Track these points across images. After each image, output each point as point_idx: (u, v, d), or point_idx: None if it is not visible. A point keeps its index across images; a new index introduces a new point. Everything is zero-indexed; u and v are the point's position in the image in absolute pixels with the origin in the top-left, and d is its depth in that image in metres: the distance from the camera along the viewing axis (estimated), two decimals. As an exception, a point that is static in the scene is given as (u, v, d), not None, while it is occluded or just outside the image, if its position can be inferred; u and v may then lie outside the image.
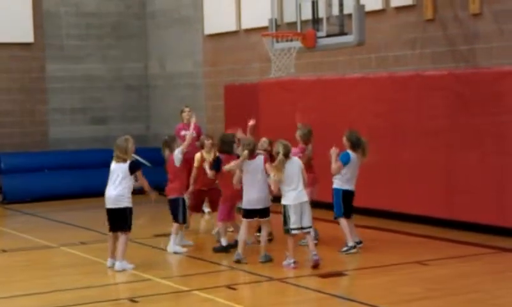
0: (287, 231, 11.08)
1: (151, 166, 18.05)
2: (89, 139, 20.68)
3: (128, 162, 11.27)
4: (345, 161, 12.11)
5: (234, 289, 10.05)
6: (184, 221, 12.59)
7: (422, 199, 14.10)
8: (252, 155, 11.44)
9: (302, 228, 11.12)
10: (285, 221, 11.06)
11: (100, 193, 12.28)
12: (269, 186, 11.37)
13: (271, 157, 11.63)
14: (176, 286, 10.28)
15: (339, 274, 10.59)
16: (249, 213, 11.44)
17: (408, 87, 14.34)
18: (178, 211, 12.38)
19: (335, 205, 12.24)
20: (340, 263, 11.26)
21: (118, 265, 11.22)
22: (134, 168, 11.30)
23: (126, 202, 11.27)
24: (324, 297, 9.47)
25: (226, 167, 11.78)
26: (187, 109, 15.93)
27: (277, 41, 14.11)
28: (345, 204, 12.14)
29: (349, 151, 12.18)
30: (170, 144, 12.53)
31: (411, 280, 10.18)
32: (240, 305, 9.26)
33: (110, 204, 11.29)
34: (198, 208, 13.71)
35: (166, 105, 21.44)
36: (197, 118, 16.38)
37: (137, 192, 11.52)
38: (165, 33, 21.64)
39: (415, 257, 11.42)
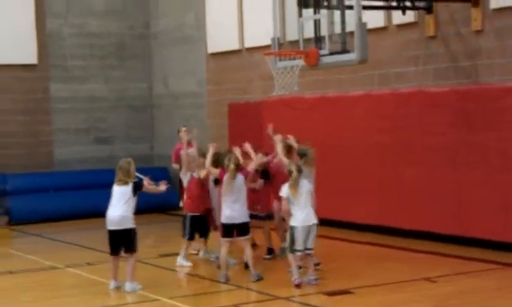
0: (292, 251, 11.12)
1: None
2: (94, 159, 20.72)
3: (130, 184, 11.31)
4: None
5: (241, 308, 10.09)
6: (189, 238, 12.70)
7: (427, 215, 14.11)
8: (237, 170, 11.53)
9: (305, 249, 11.15)
10: (292, 241, 11.08)
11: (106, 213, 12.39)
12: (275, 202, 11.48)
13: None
14: (183, 306, 10.30)
15: (346, 292, 10.58)
16: (227, 230, 11.45)
17: (410, 103, 14.39)
18: (183, 227, 12.67)
19: None
20: (346, 281, 11.25)
21: (129, 286, 11.22)
22: (137, 188, 11.33)
23: (130, 223, 11.28)
24: (331, 315, 9.49)
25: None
26: (183, 129, 16.07)
27: (280, 60, 14.13)
28: None
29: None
30: None
31: (419, 297, 10.19)
32: (248, 324, 9.30)
33: (114, 225, 11.29)
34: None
35: (170, 125, 21.46)
36: (200, 137, 16.47)
37: (140, 212, 11.55)
38: (168, 53, 21.71)
39: (422, 274, 11.42)
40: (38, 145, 20.92)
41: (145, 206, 17.16)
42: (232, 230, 11.46)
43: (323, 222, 16.13)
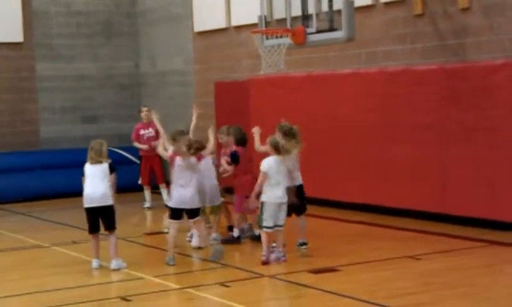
0: (261, 227, 11.20)
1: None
2: (81, 138, 20.55)
3: (106, 163, 11.31)
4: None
5: (227, 286, 10.05)
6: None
7: (414, 193, 14.12)
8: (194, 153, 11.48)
9: (276, 226, 11.17)
10: (261, 217, 11.13)
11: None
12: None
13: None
14: (168, 284, 10.29)
15: (331, 270, 10.58)
16: (177, 213, 11.39)
17: (398, 82, 14.36)
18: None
19: None
20: (332, 259, 11.26)
21: (114, 263, 11.20)
22: (113, 170, 11.34)
23: (110, 200, 11.31)
24: (317, 293, 9.47)
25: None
26: (145, 109, 16.45)
27: (267, 38, 14.10)
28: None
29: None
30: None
31: (404, 275, 10.20)
32: (234, 302, 9.26)
33: (95, 202, 11.27)
34: None
35: (157, 103, 21.38)
36: (187, 115, 16.43)
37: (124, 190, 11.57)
38: (155, 31, 21.61)
39: (407, 252, 11.44)
40: (24, 124, 20.81)
41: (129, 185, 17.30)
42: (181, 213, 11.39)
43: (310, 201, 16.16)
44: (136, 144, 17.36)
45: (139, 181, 17.32)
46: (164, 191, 16.68)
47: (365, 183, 15.08)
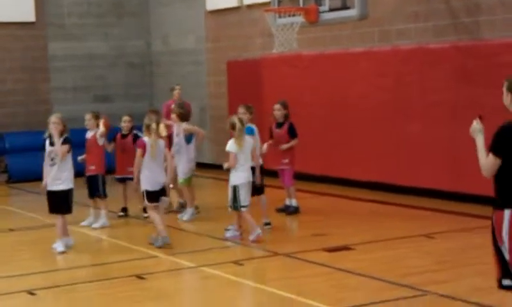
0: (236, 208, 11.26)
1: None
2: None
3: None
4: None
5: (241, 264, 10.09)
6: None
7: (427, 172, 14.11)
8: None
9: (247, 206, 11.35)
10: (235, 199, 11.20)
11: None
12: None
13: None
14: (182, 262, 10.33)
15: (346, 248, 10.61)
16: (153, 195, 11.32)
17: (411, 60, 14.32)
18: None
19: None
20: (345, 237, 11.28)
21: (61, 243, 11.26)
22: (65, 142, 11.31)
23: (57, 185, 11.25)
24: (332, 271, 9.50)
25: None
26: (177, 87, 16.08)
27: (279, 17, 14.08)
28: None
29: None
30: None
31: (419, 253, 10.22)
32: (248, 280, 9.31)
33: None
34: None
35: (169, 82, 21.34)
36: (200, 94, 16.42)
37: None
38: (167, 10, 21.58)
39: (421, 230, 11.45)
40: (36, 103, 20.85)
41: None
42: (157, 195, 11.36)
43: (323, 179, 16.21)
44: (166, 122, 16.81)
45: None
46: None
47: (378, 161, 15.08)
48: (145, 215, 12.86)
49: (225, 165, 11.51)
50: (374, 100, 15.06)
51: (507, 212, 6.28)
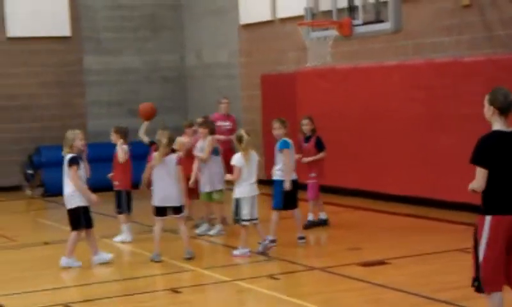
0: (237, 221, 11.33)
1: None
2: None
3: (68, 155, 11.24)
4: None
5: (276, 279, 10.09)
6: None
7: (462, 185, 13.94)
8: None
9: (252, 219, 11.36)
10: (237, 212, 11.29)
11: (137, 184, 12.56)
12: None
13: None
14: (217, 276, 10.34)
15: (381, 263, 10.57)
16: (160, 211, 11.40)
17: (445, 73, 14.27)
18: None
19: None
20: (380, 252, 11.24)
21: (64, 261, 11.23)
22: (69, 162, 11.18)
23: (72, 202, 11.22)
24: (367, 286, 9.47)
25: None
26: (225, 100, 16.06)
27: (313, 30, 14.08)
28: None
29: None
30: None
31: (454, 268, 10.15)
32: (284, 295, 9.30)
33: (64, 203, 11.36)
34: None
35: (203, 96, 21.51)
36: (233, 108, 16.47)
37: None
38: (201, 24, 21.68)
39: (457, 245, 11.36)
40: (71, 117, 21.01)
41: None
42: (165, 210, 11.40)
43: (357, 193, 16.17)
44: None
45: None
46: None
47: (412, 175, 15.01)
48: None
49: (228, 177, 11.72)
50: (408, 113, 15.01)
51: (487, 218, 6.75)
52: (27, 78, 20.78)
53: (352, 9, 13.49)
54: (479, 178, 6.79)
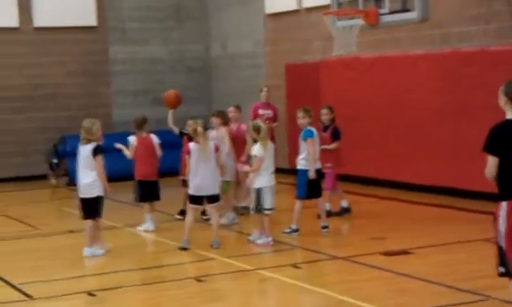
0: (260, 211, 11.32)
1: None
2: (152, 121, 20.63)
3: (91, 145, 11.19)
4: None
5: (299, 268, 10.06)
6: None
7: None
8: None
9: (272, 209, 11.44)
10: (258, 202, 11.27)
11: (164, 173, 12.55)
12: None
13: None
14: (240, 265, 10.32)
15: (404, 252, 10.51)
16: (195, 200, 11.39)
17: (472, 63, 14.15)
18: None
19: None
20: (404, 241, 11.18)
21: (87, 251, 11.24)
22: (96, 151, 11.15)
23: (95, 191, 11.20)
24: (390, 276, 9.42)
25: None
26: (265, 89, 16.03)
27: (339, 19, 14.02)
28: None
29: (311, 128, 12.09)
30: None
31: (478, 258, 10.07)
32: (306, 284, 9.27)
33: (80, 193, 11.30)
34: None
35: (228, 86, 21.49)
36: (258, 98, 16.42)
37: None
38: (226, 14, 21.65)
39: (481, 234, 11.26)
40: (97, 107, 21.07)
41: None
42: (201, 199, 11.39)
43: (381, 182, 16.10)
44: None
45: None
46: None
47: (437, 164, 14.92)
48: (204, 217, 12.92)
49: (245, 168, 11.78)
50: (434, 103, 14.91)
51: (503, 204, 6.91)
52: (53, 68, 20.86)
53: (378, -2, 13.43)
54: (490, 166, 7.03)
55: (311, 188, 11.87)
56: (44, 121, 20.69)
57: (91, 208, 11.26)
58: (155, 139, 13.11)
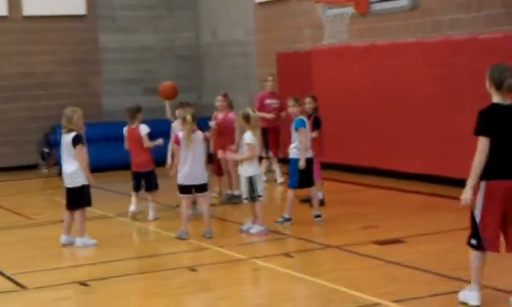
0: (254, 198, 11.36)
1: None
2: (143, 109, 20.70)
3: (71, 134, 11.14)
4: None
5: (291, 257, 10.09)
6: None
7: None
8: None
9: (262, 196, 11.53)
10: (252, 189, 11.31)
11: (160, 163, 12.55)
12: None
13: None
14: (233, 254, 10.35)
15: (397, 241, 10.54)
16: (184, 189, 11.37)
17: (463, 51, 14.17)
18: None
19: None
20: (396, 230, 11.22)
21: (79, 241, 11.24)
22: (75, 141, 11.09)
23: (79, 180, 11.17)
24: (382, 264, 9.46)
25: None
26: (270, 78, 16.03)
27: (329, 8, 14.02)
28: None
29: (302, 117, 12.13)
30: None
31: (470, 246, 10.09)
32: (299, 273, 9.30)
33: (65, 182, 11.30)
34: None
35: (218, 74, 21.48)
36: (248, 86, 16.41)
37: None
38: (216, 2, 21.62)
39: (472, 223, 11.31)
40: (87, 95, 21.05)
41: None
42: (190, 188, 11.36)
43: (373, 171, 16.14)
44: (260, 114, 15.25)
45: (269, 154, 16.17)
46: (277, 166, 16.20)
47: (428, 153, 14.95)
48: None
49: (238, 157, 11.86)
50: (425, 91, 14.93)
51: (482, 183, 7.49)
52: (43, 57, 20.81)
53: (369, -14, 13.43)
54: (481, 150, 7.50)
55: (303, 177, 11.89)
56: (35, 111, 20.66)
57: (77, 197, 11.24)
58: (142, 129, 13.01)
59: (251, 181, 11.37)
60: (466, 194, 7.57)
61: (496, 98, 7.57)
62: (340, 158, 16.66)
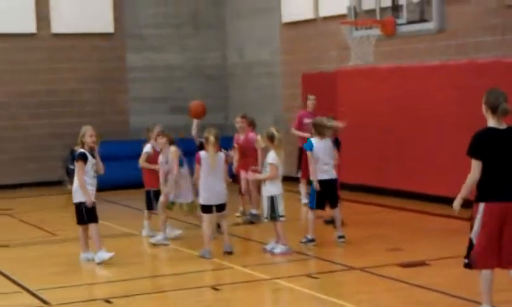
0: (274, 218, 11.35)
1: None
2: (169, 128, 20.72)
3: (79, 150, 11.27)
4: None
5: (315, 278, 10.07)
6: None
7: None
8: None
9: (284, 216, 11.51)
10: (273, 209, 11.32)
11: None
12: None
13: None
14: (256, 274, 10.34)
15: (421, 264, 10.50)
16: (206, 208, 11.44)
17: (488, 74, 14.12)
18: None
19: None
20: (421, 252, 11.17)
21: (96, 257, 11.25)
22: (76, 157, 11.24)
23: (76, 197, 11.26)
24: (407, 287, 9.42)
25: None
26: (312, 97, 16.04)
27: (356, 29, 14.02)
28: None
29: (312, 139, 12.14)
30: None
31: (496, 271, 9.98)
32: (323, 294, 9.28)
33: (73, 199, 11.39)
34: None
35: (244, 94, 21.53)
36: (274, 106, 16.43)
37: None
38: (243, 22, 21.71)
39: (497, 247, 11.24)
40: (114, 114, 21.19)
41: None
42: (211, 207, 11.43)
43: (397, 193, 16.08)
44: (298, 133, 15.85)
45: (299, 174, 16.01)
46: (303, 187, 16.02)
47: (453, 175, 14.86)
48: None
49: (257, 176, 11.95)
50: (450, 113, 14.89)
51: (481, 205, 7.80)
52: (70, 74, 20.98)
53: (395, 8, 13.42)
54: (474, 169, 7.80)
55: (320, 198, 11.90)
56: (60, 127, 20.78)
57: (76, 213, 11.36)
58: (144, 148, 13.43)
59: (272, 200, 11.38)
60: (456, 202, 8.08)
61: (491, 122, 7.85)
62: (364, 179, 16.64)
